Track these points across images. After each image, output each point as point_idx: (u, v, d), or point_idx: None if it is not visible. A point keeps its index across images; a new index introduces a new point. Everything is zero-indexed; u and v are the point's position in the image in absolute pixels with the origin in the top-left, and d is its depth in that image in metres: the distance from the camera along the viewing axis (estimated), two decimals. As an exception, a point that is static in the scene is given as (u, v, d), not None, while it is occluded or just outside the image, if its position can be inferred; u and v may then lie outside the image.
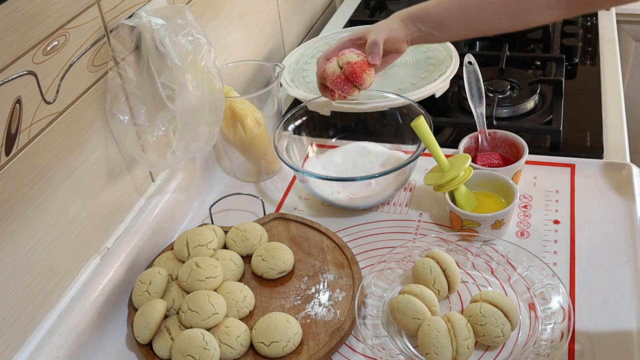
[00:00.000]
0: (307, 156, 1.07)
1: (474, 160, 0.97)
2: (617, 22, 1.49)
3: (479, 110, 1.01)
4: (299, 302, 0.83)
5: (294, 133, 1.04)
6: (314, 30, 1.61)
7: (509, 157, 0.99)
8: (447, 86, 1.15)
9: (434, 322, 0.73)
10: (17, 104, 0.68)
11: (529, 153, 0.95)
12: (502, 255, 0.84)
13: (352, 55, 0.92)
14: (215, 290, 0.82)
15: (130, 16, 0.85)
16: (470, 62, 1.03)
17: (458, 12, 0.89)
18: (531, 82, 1.19)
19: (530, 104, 1.16)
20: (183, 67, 0.84)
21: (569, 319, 0.73)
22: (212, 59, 0.87)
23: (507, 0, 0.86)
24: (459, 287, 0.83)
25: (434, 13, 0.90)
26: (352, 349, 0.78)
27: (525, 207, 0.94)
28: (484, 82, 1.04)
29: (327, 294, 0.83)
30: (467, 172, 0.89)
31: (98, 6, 0.79)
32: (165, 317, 0.80)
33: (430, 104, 1.08)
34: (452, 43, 1.24)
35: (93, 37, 0.79)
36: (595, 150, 1.04)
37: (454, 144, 1.01)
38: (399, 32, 0.91)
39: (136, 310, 0.81)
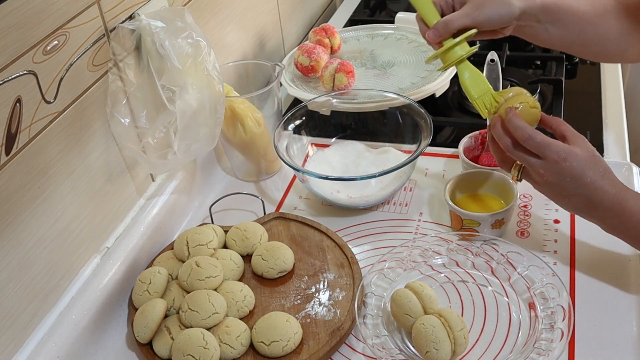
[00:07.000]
0: (307, 156, 1.07)
1: (478, 161, 0.97)
2: (617, 21, 1.48)
3: None
4: (299, 301, 0.83)
5: (294, 132, 1.04)
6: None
7: None
8: (447, 85, 1.15)
9: (427, 319, 0.73)
10: (17, 104, 0.68)
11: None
12: (502, 254, 0.84)
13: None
14: (216, 289, 0.82)
15: (130, 17, 0.85)
16: (492, 60, 1.01)
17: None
18: (531, 82, 1.19)
19: (530, 104, 1.16)
20: (183, 70, 0.84)
21: (569, 318, 0.73)
22: (212, 62, 0.87)
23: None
24: (459, 286, 0.83)
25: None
26: (352, 348, 0.79)
27: (525, 206, 0.94)
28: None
29: (327, 293, 0.83)
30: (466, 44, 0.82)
31: (98, 6, 0.78)
32: (166, 316, 0.80)
33: (430, 104, 1.08)
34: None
35: (93, 37, 0.79)
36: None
37: (454, 144, 1.01)
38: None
39: (136, 309, 0.81)
